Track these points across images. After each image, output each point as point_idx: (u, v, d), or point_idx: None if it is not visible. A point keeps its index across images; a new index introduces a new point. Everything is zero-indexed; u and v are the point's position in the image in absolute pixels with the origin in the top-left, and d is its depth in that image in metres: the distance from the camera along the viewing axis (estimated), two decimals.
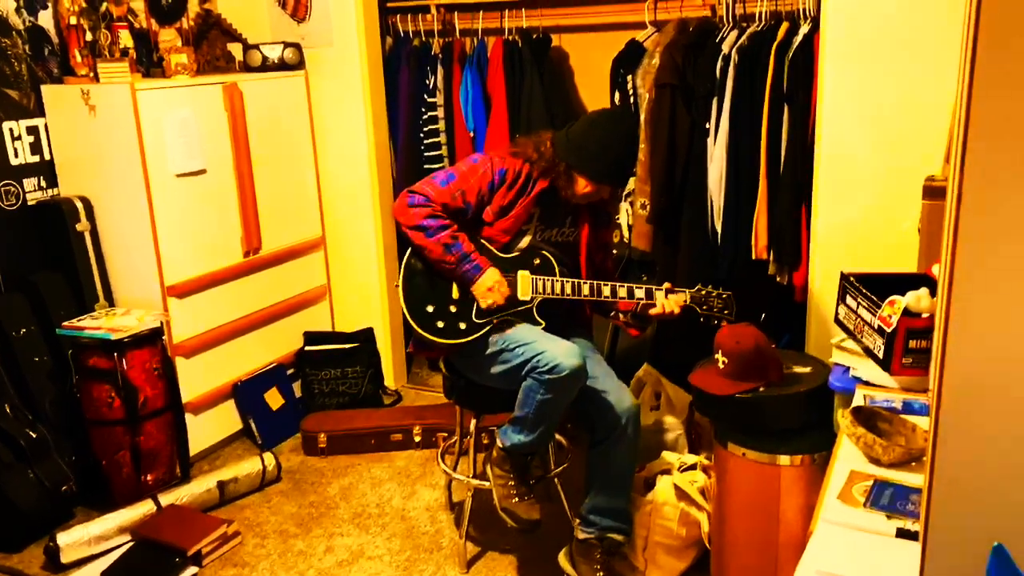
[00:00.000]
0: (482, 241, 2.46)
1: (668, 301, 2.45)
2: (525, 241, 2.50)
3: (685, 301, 2.47)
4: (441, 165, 3.64)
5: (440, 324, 2.46)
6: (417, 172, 3.56)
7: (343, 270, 3.91)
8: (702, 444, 2.90)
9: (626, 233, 3.34)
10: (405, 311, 2.46)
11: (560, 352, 2.26)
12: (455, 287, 2.47)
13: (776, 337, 2.97)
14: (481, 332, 2.45)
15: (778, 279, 2.99)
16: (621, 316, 2.57)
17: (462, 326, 2.45)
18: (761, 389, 2.27)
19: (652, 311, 2.47)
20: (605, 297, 2.46)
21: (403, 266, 2.50)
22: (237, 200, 3.40)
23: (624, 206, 3.33)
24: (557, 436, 2.89)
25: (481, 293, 2.42)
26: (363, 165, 3.74)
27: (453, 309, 2.46)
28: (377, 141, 3.73)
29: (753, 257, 2.99)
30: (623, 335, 3.46)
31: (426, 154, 3.66)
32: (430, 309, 2.46)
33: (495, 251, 2.47)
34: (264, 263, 3.57)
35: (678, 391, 3.03)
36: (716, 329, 2.37)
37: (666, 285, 2.49)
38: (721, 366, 2.32)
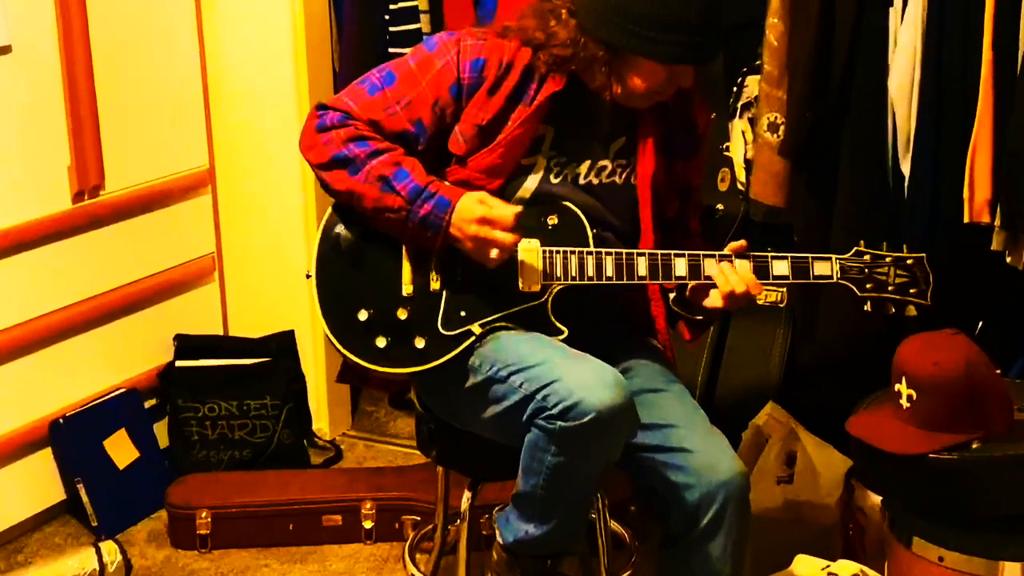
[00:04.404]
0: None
1: (725, 273, 2.41)
2: (529, 186, 2.52)
3: (831, 276, 2.45)
4: None
5: (381, 342, 2.50)
6: (375, 61, 3.50)
7: (244, 228, 3.98)
8: (867, 541, 2.97)
9: (741, 175, 3.41)
10: (323, 322, 2.53)
11: (583, 380, 2.26)
12: (406, 272, 2.51)
13: (1003, 359, 3.02)
14: (454, 352, 2.48)
15: (1008, 258, 3.01)
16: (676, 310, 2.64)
17: (419, 343, 2.49)
18: (975, 445, 2.34)
19: (708, 301, 2.47)
20: (679, 279, 2.47)
21: (318, 241, 2.55)
22: (64, 103, 3.44)
23: (739, 125, 3.40)
24: (614, 525, 2.91)
25: (475, 241, 2.38)
26: (282, 50, 3.79)
27: (403, 315, 2.50)
28: (307, 7, 3.76)
29: (966, 220, 3.01)
30: (733, 353, 3.54)
31: (392, 29, 3.68)
32: (363, 316, 2.51)
33: None
34: (109, 214, 3.62)
35: (827, 450, 3.11)
36: (898, 336, 2.43)
37: (733, 245, 2.44)
38: (905, 405, 2.38)
